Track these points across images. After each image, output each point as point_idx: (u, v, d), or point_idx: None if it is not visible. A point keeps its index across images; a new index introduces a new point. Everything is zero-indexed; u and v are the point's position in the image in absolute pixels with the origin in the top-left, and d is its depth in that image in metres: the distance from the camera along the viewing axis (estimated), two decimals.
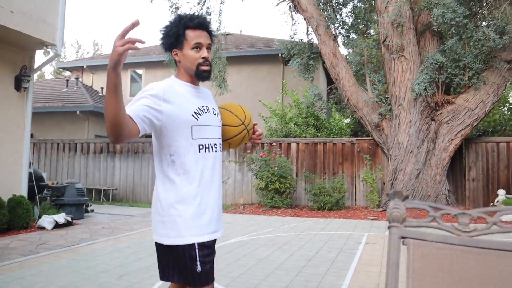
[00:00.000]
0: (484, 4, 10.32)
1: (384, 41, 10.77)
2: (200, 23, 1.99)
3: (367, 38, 13.70)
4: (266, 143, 12.06)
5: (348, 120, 16.33)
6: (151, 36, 54.39)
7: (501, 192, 9.58)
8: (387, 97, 11.21)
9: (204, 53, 1.98)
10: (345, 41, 13.57)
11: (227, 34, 15.07)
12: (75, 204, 8.86)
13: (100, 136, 15.51)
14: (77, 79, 18.14)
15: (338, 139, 11.83)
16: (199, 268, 1.89)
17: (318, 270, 4.71)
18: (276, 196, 10.79)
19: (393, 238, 1.26)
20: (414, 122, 10.35)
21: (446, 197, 10.24)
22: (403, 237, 1.25)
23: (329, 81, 17.50)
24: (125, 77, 19.40)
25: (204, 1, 13.60)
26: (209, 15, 13.61)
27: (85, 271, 4.58)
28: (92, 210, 9.90)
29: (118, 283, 4.11)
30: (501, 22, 9.45)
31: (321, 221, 8.98)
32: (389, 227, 1.28)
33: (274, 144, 11.97)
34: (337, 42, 12.03)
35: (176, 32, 1.98)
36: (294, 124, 13.39)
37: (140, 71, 19.45)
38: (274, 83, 16.76)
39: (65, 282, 4.11)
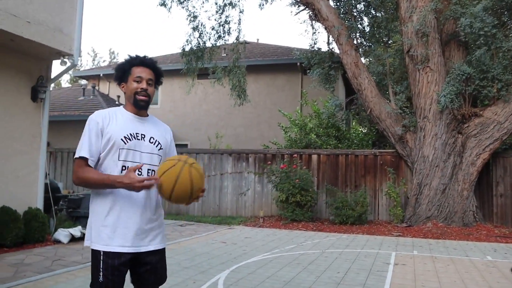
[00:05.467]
0: None
1: (408, 51, 10.44)
2: (142, 61, 2.31)
3: (389, 48, 13.37)
4: (287, 154, 11.69)
5: (365, 131, 15.93)
6: (167, 44, 54.76)
7: None
8: (411, 109, 10.85)
9: (143, 84, 2.26)
10: (366, 51, 13.27)
11: (246, 43, 14.85)
12: None
13: None
14: (93, 87, 18.06)
15: (360, 151, 11.44)
16: (101, 278, 2.09)
17: None
18: (297, 209, 10.45)
19: None
20: (440, 135, 9.97)
21: (474, 214, 9.82)
22: None
23: (348, 91, 17.20)
24: None
25: (223, 11, 13.42)
26: (228, 24, 13.42)
27: None
28: None
29: None
30: None
31: (344, 237, 8.65)
32: None
33: (295, 155, 11.62)
34: (358, 52, 11.75)
35: (123, 68, 2.31)
36: (314, 135, 13.04)
37: None
38: (292, 93, 16.47)
39: None
